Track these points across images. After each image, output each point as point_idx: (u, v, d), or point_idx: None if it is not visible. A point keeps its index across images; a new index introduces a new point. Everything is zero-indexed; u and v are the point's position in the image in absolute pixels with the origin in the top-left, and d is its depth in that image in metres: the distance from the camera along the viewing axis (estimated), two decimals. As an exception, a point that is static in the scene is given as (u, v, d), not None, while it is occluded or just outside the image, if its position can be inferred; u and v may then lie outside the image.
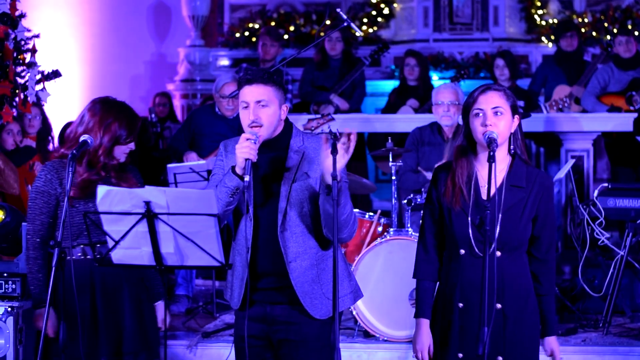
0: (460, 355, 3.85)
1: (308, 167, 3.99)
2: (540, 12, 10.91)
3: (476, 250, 3.79)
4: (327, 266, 4.02)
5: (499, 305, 3.82)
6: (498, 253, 3.81)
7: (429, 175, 6.52)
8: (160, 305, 4.57)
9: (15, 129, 7.22)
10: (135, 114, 4.54)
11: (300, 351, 4.03)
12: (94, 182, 4.30)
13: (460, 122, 6.49)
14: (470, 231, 3.81)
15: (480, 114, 3.83)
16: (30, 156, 7.13)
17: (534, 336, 3.91)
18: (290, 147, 4.03)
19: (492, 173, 3.72)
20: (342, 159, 3.76)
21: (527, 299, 3.87)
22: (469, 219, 3.82)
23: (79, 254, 4.35)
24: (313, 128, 6.86)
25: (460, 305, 3.86)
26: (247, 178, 3.85)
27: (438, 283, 4.02)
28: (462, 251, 3.85)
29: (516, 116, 3.89)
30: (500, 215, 3.79)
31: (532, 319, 3.89)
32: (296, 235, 3.98)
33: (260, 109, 3.99)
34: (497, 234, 3.78)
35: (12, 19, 6.49)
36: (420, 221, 4.12)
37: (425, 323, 3.99)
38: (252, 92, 4.00)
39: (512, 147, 3.89)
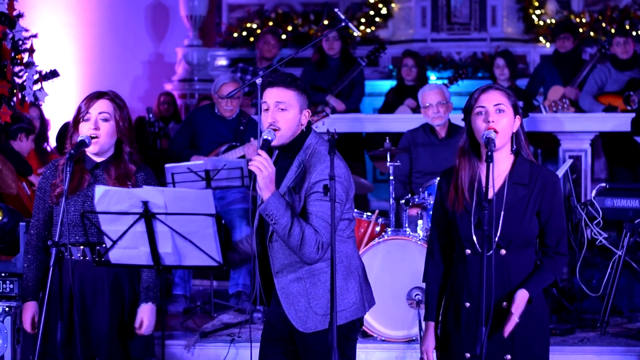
0: (468, 355, 3.85)
1: (300, 183, 3.96)
2: (538, 12, 10.92)
3: (479, 250, 3.78)
4: (320, 281, 3.97)
5: (505, 304, 3.82)
6: (503, 251, 3.81)
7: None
8: (142, 308, 4.36)
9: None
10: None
11: (307, 351, 4.05)
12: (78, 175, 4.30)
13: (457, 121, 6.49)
14: (473, 231, 3.82)
15: (482, 112, 3.84)
16: (26, 173, 7.13)
17: (543, 335, 3.90)
18: (297, 157, 4.00)
19: (489, 173, 3.73)
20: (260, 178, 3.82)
21: (535, 298, 3.86)
22: (472, 219, 3.82)
23: (65, 253, 4.32)
24: None
25: (467, 304, 3.86)
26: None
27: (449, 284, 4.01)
28: (468, 251, 3.86)
29: (517, 116, 3.90)
30: (502, 213, 3.80)
31: (540, 317, 3.89)
32: (284, 247, 3.95)
33: (279, 112, 3.97)
34: (499, 232, 3.78)
35: (10, 19, 6.49)
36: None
37: (431, 325, 3.99)
38: (273, 95, 4.00)
39: (514, 146, 3.89)
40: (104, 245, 3.99)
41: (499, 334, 3.80)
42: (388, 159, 6.42)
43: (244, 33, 11.18)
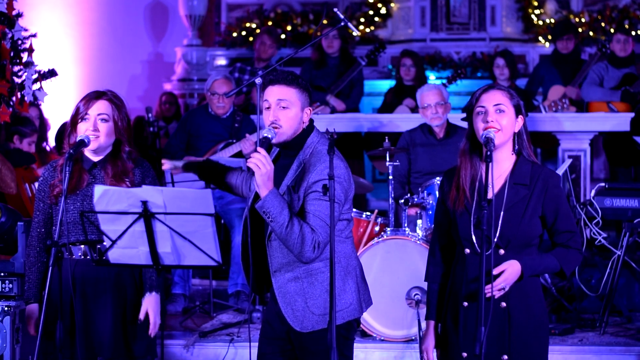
0: (465, 354, 3.85)
1: (300, 182, 3.96)
2: (537, 11, 10.91)
3: (478, 249, 3.78)
4: (317, 281, 3.97)
5: (503, 304, 3.82)
6: (502, 251, 3.81)
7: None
8: (147, 299, 4.38)
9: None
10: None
11: (304, 351, 4.05)
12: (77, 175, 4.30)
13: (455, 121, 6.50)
14: (472, 231, 3.82)
15: (482, 112, 3.84)
16: (29, 162, 7.12)
17: (541, 336, 3.89)
18: (298, 156, 4.00)
19: (489, 173, 3.74)
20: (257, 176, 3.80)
21: (533, 298, 3.86)
22: (472, 218, 3.82)
23: (66, 253, 4.32)
24: None
25: (465, 304, 3.86)
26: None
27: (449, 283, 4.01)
28: (467, 250, 3.86)
29: (520, 116, 3.90)
30: (502, 214, 3.80)
31: (538, 318, 3.88)
32: (282, 246, 3.94)
33: (280, 110, 3.97)
34: (498, 232, 3.78)
35: (9, 19, 6.48)
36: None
37: (432, 324, 4.00)
38: (274, 93, 3.99)
39: (516, 146, 3.89)
40: (104, 243, 3.99)
41: (496, 334, 3.80)
42: (387, 159, 6.42)
43: (243, 33, 11.17)
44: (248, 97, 9.03)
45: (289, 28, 11.15)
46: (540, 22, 10.87)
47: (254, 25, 11.13)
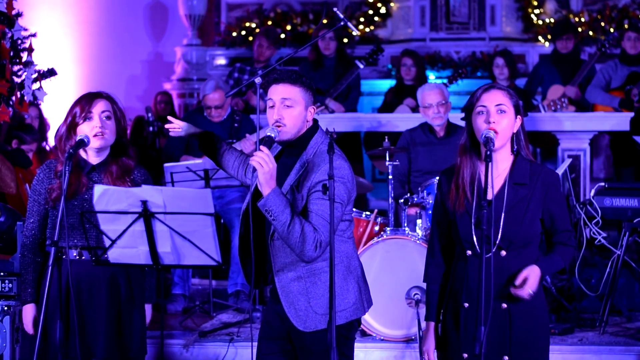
0: (465, 355, 3.84)
1: (303, 182, 3.96)
2: (537, 11, 10.92)
3: (479, 250, 3.77)
4: (320, 280, 3.97)
5: (504, 305, 3.81)
6: (503, 252, 3.81)
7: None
8: (148, 308, 4.50)
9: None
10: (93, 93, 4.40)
11: (305, 351, 4.05)
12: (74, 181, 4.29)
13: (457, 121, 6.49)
14: (473, 232, 3.81)
15: (484, 112, 3.84)
16: (27, 165, 7.12)
17: (542, 337, 3.89)
18: (301, 156, 4.00)
19: (489, 172, 3.73)
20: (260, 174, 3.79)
21: (534, 299, 3.85)
22: (472, 219, 3.82)
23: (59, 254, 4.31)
24: None
25: (466, 305, 3.85)
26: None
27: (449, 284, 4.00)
28: (469, 252, 3.85)
29: (519, 116, 3.90)
30: (503, 214, 3.79)
31: (539, 319, 3.88)
32: (285, 246, 3.94)
33: (284, 109, 3.97)
34: (500, 233, 3.78)
35: (9, 18, 6.49)
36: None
37: (432, 325, 4.00)
38: (279, 91, 3.99)
39: (514, 146, 3.89)
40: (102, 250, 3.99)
41: (497, 335, 3.79)
42: (387, 158, 6.42)
43: (243, 32, 11.18)
44: (243, 98, 9.03)
45: (288, 28, 11.15)
46: (540, 22, 10.87)
47: (253, 25, 11.13)
